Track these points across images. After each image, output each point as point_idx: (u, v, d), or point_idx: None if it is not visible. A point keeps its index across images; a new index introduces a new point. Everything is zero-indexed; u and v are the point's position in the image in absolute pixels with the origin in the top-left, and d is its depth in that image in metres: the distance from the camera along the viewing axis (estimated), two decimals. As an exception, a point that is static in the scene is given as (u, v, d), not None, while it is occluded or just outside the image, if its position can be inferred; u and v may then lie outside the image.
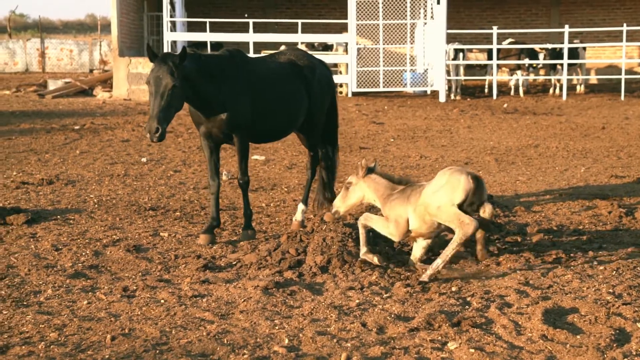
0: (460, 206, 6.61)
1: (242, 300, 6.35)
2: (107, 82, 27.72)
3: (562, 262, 7.33)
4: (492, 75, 26.17)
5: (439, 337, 5.56)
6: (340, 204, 7.40)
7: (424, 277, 6.79)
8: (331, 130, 9.49)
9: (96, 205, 10.02)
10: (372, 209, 8.15)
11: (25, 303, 6.31)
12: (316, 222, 8.22)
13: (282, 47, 21.86)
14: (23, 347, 5.38)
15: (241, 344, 5.46)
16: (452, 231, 6.79)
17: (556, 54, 26.52)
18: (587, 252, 7.66)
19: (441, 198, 6.64)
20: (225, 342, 5.49)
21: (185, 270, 7.26)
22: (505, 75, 28.22)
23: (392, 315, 5.98)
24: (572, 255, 7.56)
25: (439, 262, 6.75)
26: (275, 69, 8.78)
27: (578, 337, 5.52)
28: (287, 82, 8.77)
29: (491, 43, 26.19)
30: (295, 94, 8.79)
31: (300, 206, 9.11)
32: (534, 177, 12.20)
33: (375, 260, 7.01)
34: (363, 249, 7.11)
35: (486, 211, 6.68)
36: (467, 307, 6.19)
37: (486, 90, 27.00)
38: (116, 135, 16.68)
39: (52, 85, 27.76)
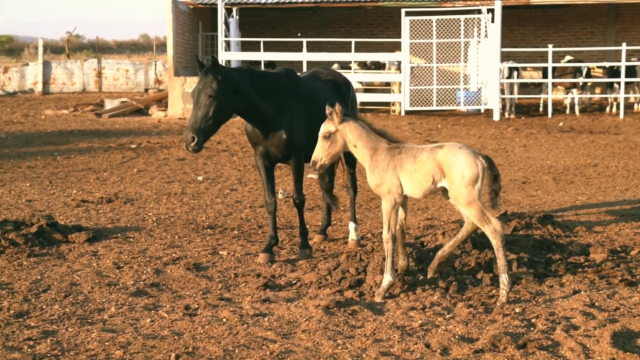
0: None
1: (304, 319, 6.33)
2: (162, 102, 28.05)
3: (628, 284, 7.18)
4: (547, 93, 25.89)
5: (505, 359, 5.47)
6: (323, 155, 6.91)
7: (502, 299, 6.69)
8: None
9: (155, 224, 10.11)
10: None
11: (89, 321, 6.37)
12: (375, 241, 8.19)
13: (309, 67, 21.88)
14: (89, 364, 5.43)
15: (305, 363, 5.44)
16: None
17: (613, 72, 26.16)
18: (653, 274, 7.50)
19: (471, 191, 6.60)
20: (289, 361, 5.47)
21: (245, 289, 7.27)
22: (560, 93, 27.90)
23: (456, 336, 5.91)
24: (638, 276, 7.40)
25: (505, 279, 6.65)
26: (321, 88, 8.81)
27: (649, 361, 5.39)
28: (333, 100, 8.80)
29: (546, 61, 25.94)
30: None
31: (352, 225, 9.10)
32: (593, 196, 12.01)
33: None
34: (387, 277, 6.88)
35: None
36: (532, 328, 6.10)
37: (541, 108, 26.70)
38: (172, 154, 16.84)
39: (109, 104, 28.18)
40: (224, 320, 6.35)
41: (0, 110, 27.81)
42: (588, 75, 26.27)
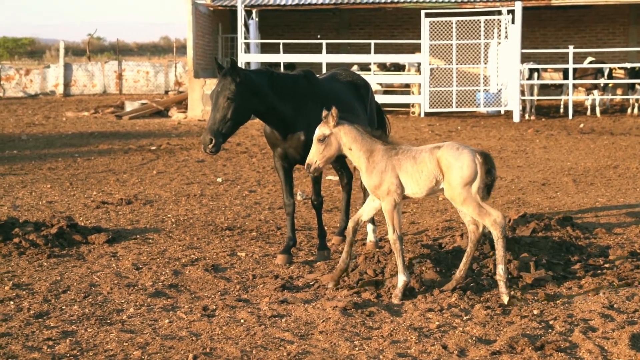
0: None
1: (321, 320, 6.34)
2: (182, 103, 28.16)
3: (648, 286, 7.14)
4: (568, 94, 25.76)
5: (523, 361, 5.46)
6: (317, 158, 6.93)
7: (504, 298, 6.70)
8: None
9: (174, 225, 10.16)
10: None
11: (108, 321, 6.41)
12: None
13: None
14: (108, 364, 5.47)
15: (321, 365, 5.45)
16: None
17: (635, 73, 25.99)
18: (673, 276, 7.45)
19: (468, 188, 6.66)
20: (306, 362, 5.49)
21: (263, 290, 7.29)
22: (581, 95, 27.75)
23: (473, 338, 5.91)
24: (657, 278, 7.36)
25: (501, 270, 6.71)
26: (341, 89, 8.82)
27: (667, 363, 5.36)
28: (352, 101, 8.81)
29: (567, 62, 25.81)
30: (359, 113, 8.83)
31: (370, 226, 9.10)
32: (614, 198, 11.94)
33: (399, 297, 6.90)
34: (401, 277, 6.91)
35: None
36: (550, 330, 6.08)
37: (561, 110, 26.56)
38: (191, 156, 16.91)
39: (129, 106, 28.33)
40: (242, 321, 6.37)
41: (22, 112, 28.04)
42: (610, 77, 26.10)
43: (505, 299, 6.71)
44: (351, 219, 7.31)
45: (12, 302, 6.90)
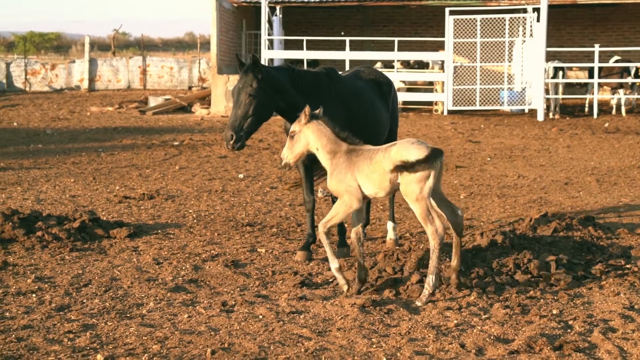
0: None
1: (340, 317, 6.35)
2: (205, 99, 28.27)
3: (669, 287, 7.09)
4: (593, 93, 25.58)
5: (540, 361, 5.44)
6: (288, 154, 7.06)
7: (423, 299, 6.71)
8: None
9: (195, 221, 10.20)
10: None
11: (128, 315, 6.46)
12: (413, 241, 8.18)
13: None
14: (127, 358, 5.51)
15: (339, 361, 5.46)
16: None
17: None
18: (695, 278, 7.38)
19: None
20: (323, 359, 5.50)
21: (282, 286, 7.31)
22: (607, 94, 27.54)
23: (492, 337, 5.89)
24: (679, 280, 7.30)
25: (430, 280, 6.70)
26: (363, 87, 8.81)
27: (687, 365, 5.33)
28: (374, 99, 8.80)
29: (592, 61, 25.64)
30: (381, 111, 8.82)
31: (390, 224, 9.10)
32: (637, 198, 11.85)
33: (345, 288, 6.94)
34: (333, 263, 7.00)
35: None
36: (569, 330, 6.05)
37: (586, 109, 26.39)
38: (214, 152, 16.97)
39: (153, 102, 28.47)
40: (260, 317, 6.40)
41: (47, 106, 28.27)
42: (636, 76, 25.88)
43: (419, 304, 6.67)
44: (353, 230, 7.20)
45: (34, 295, 6.97)
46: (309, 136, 6.99)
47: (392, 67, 26.49)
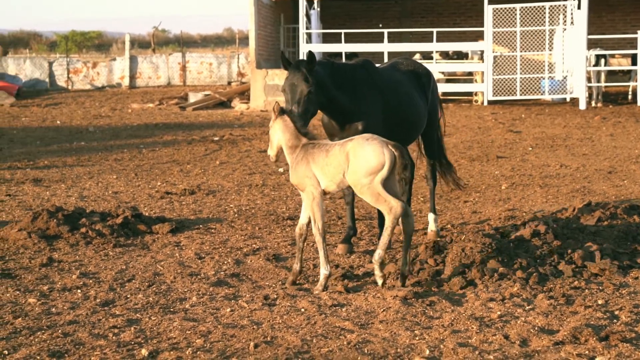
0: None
1: (382, 310, 6.34)
2: (244, 94, 28.36)
3: None
4: (636, 81, 25.18)
5: (586, 352, 5.38)
6: (269, 149, 7.34)
7: (378, 281, 6.86)
8: (438, 141, 9.43)
9: (236, 215, 10.25)
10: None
11: (172, 310, 6.51)
12: (455, 232, 8.14)
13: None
14: (171, 352, 5.55)
15: (382, 354, 5.45)
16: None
17: None
18: None
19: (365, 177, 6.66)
20: (366, 351, 5.49)
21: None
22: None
23: (536, 328, 5.84)
24: None
25: (377, 255, 6.79)
26: (400, 79, 8.77)
27: None
28: (412, 91, 8.76)
29: (635, 48, 25.23)
30: (419, 102, 8.78)
31: (431, 216, 9.06)
32: (683, 186, 11.66)
33: (321, 289, 6.91)
34: (324, 269, 6.96)
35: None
36: (615, 321, 5.98)
37: (629, 96, 25.99)
38: (254, 146, 17.03)
39: (193, 97, 28.64)
40: (303, 310, 6.41)
41: (89, 104, 28.59)
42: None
43: (379, 281, 6.84)
44: (297, 225, 7.23)
45: (79, 291, 7.05)
46: (277, 132, 7.19)
47: (431, 58, 26.34)
